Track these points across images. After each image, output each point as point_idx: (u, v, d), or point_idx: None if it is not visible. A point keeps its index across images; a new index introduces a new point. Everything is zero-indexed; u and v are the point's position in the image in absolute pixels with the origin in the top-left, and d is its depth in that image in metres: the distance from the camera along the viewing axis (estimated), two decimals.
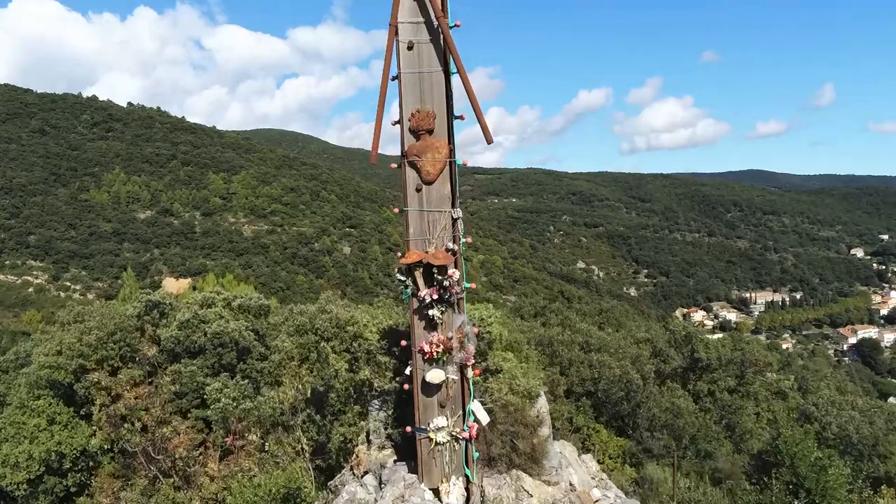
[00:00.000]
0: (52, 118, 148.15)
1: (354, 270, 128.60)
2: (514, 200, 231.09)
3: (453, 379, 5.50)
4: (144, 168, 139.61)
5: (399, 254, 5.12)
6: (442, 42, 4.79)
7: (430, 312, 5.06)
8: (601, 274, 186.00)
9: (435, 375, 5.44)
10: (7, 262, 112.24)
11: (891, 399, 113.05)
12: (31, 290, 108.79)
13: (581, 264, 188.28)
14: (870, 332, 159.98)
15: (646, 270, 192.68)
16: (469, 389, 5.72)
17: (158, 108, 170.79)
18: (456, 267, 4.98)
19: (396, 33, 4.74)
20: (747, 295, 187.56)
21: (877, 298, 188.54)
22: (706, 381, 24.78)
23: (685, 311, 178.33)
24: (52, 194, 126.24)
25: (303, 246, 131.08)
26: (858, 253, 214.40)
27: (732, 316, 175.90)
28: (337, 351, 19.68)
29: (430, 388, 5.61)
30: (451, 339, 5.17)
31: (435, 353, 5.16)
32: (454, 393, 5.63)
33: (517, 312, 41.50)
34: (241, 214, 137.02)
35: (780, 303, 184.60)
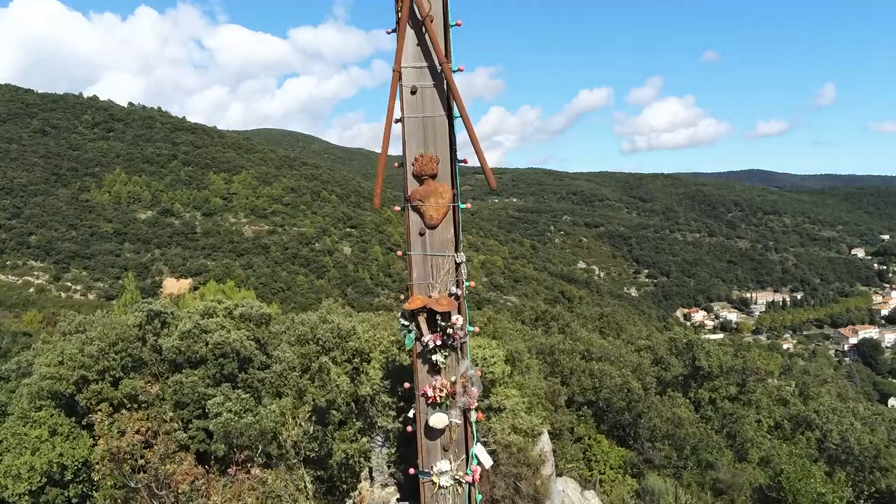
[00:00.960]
0: (52, 118, 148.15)
1: (355, 271, 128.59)
2: (514, 200, 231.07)
3: (456, 423, 5.49)
4: (145, 168, 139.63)
5: (402, 296, 5.11)
6: (445, 87, 4.79)
7: (434, 358, 5.06)
8: (602, 274, 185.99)
9: (438, 420, 5.43)
10: (8, 263, 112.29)
11: (891, 400, 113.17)
12: (31, 290, 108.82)
13: (582, 264, 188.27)
14: (870, 332, 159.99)
15: (646, 270, 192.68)
16: (472, 433, 5.72)
17: (159, 108, 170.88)
18: (459, 312, 4.97)
19: (400, 78, 4.74)
20: (748, 295, 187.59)
21: (877, 298, 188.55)
22: (707, 388, 24.79)
23: (686, 311, 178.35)
24: (52, 195, 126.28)
25: (303, 246, 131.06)
26: (859, 253, 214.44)
27: (733, 316, 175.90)
28: (338, 362, 19.71)
29: (433, 432, 5.61)
30: (455, 383, 5.17)
31: (438, 398, 5.16)
32: (457, 437, 5.62)
33: (518, 316, 41.54)
34: (242, 215, 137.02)
35: (781, 303, 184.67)
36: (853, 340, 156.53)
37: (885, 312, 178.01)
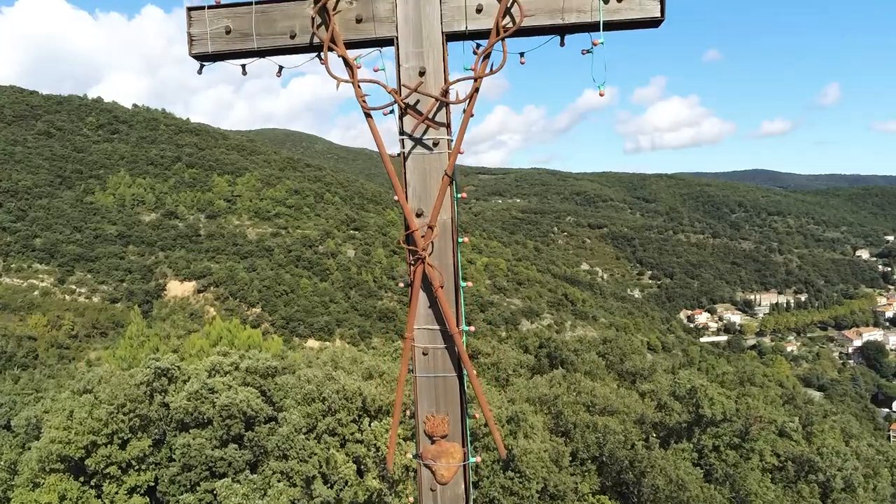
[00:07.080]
0: (57, 120, 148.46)
1: (358, 273, 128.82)
2: (518, 201, 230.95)
3: None
4: (149, 170, 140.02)
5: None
6: (456, 349, 4.86)
7: None
8: (605, 276, 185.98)
9: None
10: (13, 266, 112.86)
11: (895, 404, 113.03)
12: (36, 293, 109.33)
13: (585, 266, 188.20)
14: (875, 334, 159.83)
15: (650, 272, 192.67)
16: None
17: (163, 109, 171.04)
18: None
19: (413, 340, 4.82)
20: (752, 297, 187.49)
21: (882, 300, 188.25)
22: (710, 434, 24.87)
23: (689, 313, 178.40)
24: (57, 197, 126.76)
25: (307, 249, 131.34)
26: (864, 254, 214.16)
27: (737, 318, 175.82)
28: (344, 423, 19.81)
29: None
30: None
31: None
32: None
33: (520, 343, 41.72)
34: (246, 217, 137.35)
35: (785, 305, 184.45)
36: (857, 343, 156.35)
37: (889, 314, 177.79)
